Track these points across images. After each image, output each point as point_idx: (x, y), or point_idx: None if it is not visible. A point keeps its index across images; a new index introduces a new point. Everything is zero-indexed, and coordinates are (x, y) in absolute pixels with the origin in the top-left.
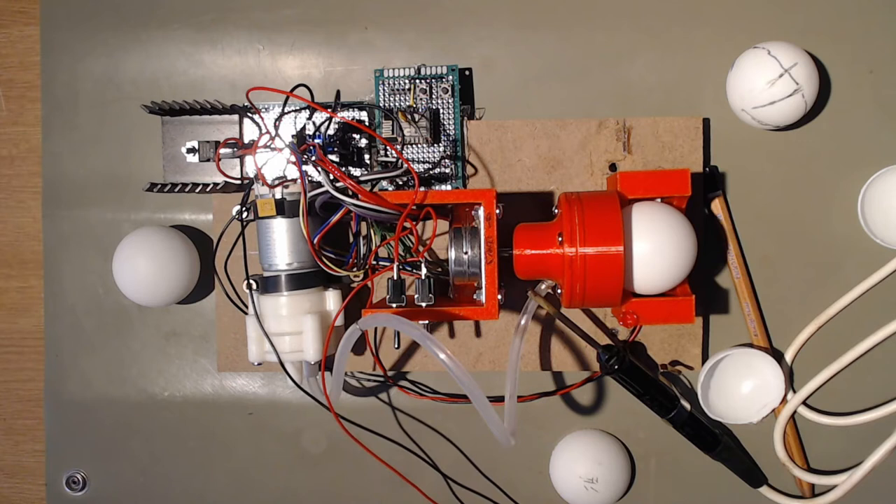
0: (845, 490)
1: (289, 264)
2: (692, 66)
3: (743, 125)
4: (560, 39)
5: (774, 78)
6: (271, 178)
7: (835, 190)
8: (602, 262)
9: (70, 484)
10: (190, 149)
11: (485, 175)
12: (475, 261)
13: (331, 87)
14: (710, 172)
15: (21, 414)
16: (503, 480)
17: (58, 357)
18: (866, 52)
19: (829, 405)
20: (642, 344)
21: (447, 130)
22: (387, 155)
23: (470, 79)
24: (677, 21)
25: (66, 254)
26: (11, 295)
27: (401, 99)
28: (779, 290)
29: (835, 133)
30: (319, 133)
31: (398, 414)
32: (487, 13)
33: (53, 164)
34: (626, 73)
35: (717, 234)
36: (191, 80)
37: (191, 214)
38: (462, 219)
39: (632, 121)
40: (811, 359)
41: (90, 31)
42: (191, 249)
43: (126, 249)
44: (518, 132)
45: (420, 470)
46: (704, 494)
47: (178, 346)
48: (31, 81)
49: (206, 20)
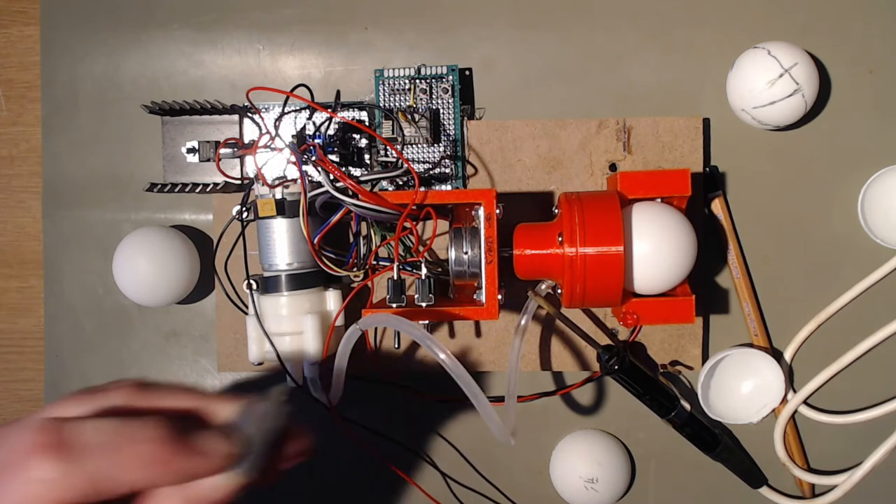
0: (845, 490)
1: (289, 264)
2: (692, 66)
3: (743, 125)
4: (560, 39)
5: (774, 78)
6: (271, 178)
7: (835, 190)
8: (602, 262)
9: None
10: (190, 149)
11: (485, 175)
12: (475, 261)
13: (331, 87)
14: (710, 172)
15: (21, 414)
16: (503, 480)
17: (58, 357)
18: (866, 52)
19: (829, 405)
20: (642, 344)
21: (447, 130)
22: (387, 155)
23: (470, 79)
24: (677, 21)
25: (66, 254)
26: (11, 295)
27: (401, 99)
28: (779, 290)
29: (835, 133)
30: (319, 133)
31: (398, 414)
32: (487, 13)
33: (53, 164)
34: (626, 73)
35: (717, 234)
36: (191, 80)
37: (191, 214)
38: (462, 219)
39: (632, 121)
40: (811, 359)
41: (90, 31)
42: (191, 249)
43: (126, 249)
44: (518, 132)
45: (420, 470)
46: (704, 494)
47: (178, 346)
48: (31, 81)
49: (207, 20)
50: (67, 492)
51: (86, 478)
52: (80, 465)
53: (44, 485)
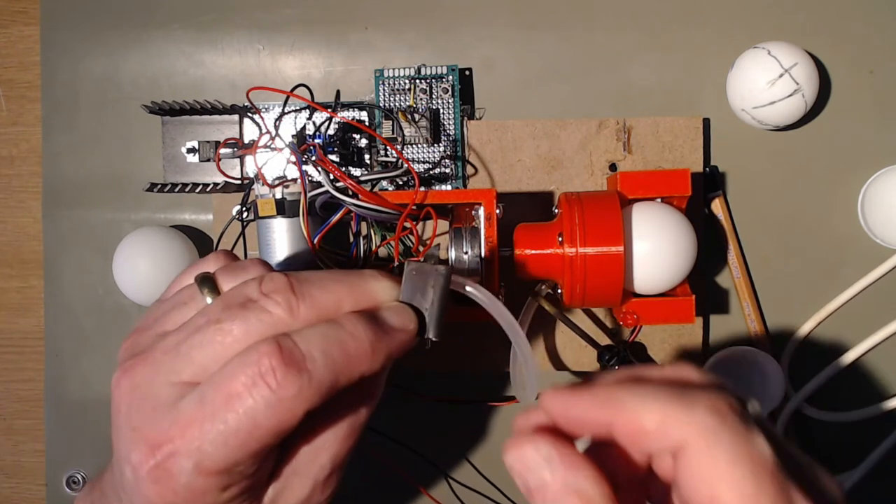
0: (846, 489)
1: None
2: (692, 66)
3: (743, 125)
4: (560, 39)
5: (774, 78)
6: (271, 178)
7: (835, 190)
8: (602, 262)
9: (70, 484)
10: (190, 149)
11: (485, 175)
12: (475, 261)
13: (331, 87)
14: (710, 172)
15: (21, 414)
16: (503, 480)
17: (58, 357)
18: (866, 52)
19: (829, 405)
20: (642, 344)
21: (447, 130)
22: (387, 155)
23: (470, 79)
24: (677, 21)
25: (66, 254)
26: (11, 295)
27: (401, 99)
28: (779, 290)
29: (835, 133)
30: (319, 133)
31: (398, 414)
32: (487, 13)
33: (53, 164)
34: (626, 73)
35: (717, 234)
36: (191, 80)
37: (191, 214)
38: (462, 219)
39: (632, 121)
40: (811, 358)
41: (90, 31)
42: (191, 249)
43: (126, 249)
44: (518, 132)
45: (420, 470)
46: None
47: None
48: (31, 81)
49: (207, 20)
50: (307, 402)
51: (321, 385)
52: (313, 376)
53: (289, 401)
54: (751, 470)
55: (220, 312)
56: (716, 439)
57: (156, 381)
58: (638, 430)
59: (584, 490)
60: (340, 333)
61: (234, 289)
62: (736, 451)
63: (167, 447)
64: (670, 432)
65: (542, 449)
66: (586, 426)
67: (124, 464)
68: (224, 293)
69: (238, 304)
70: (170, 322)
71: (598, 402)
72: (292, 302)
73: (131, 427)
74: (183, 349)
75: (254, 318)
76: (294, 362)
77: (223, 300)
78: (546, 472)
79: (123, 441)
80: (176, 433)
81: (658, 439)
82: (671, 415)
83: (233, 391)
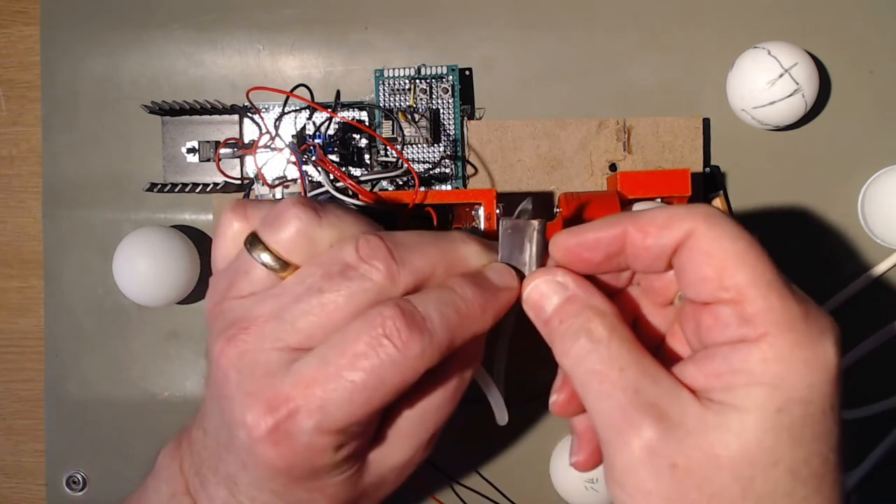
0: (846, 489)
1: None
2: (692, 66)
3: (743, 125)
4: (560, 39)
5: (774, 78)
6: (271, 178)
7: (835, 190)
8: None
9: (70, 484)
10: (190, 149)
11: (485, 175)
12: None
13: (331, 87)
14: (710, 172)
15: (21, 414)
16: (503, 480)
17: (58, 357)
18: (866, 52)
19: None
20: None
21: (447, 130)
22: (387, 155)
23: (470, 79)
24: (677, 21)
25: (66, 254)
26: (11, 295)
27: (401, 99)
28: None
29: (835, 133)
30: (319, 133)
31: None
32: (487, 13)
33: (53, 164)
34: (626, 73)
35: None
36: (191, 80)
37: (191, 214)
38: (462, 219)
39: (632, 121)
40: None
41: (90, 31)
42: (191, 249)
43: (126, 249)
44: (518, 132)
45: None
46: None
47: (179, 347)
48: (31, 81)
49: (207, 20)
50: (428, 361)
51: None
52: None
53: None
54: (750, 243)
55: (321, 281)
56: (718, 223)
57: (263, 348)
58: (649, 227)
59: (597, 305)
60: (454, 297)
61: (330, 253)
62: (736, 232)
63: (286, 407)
64: (679, 223)
65: (558, 276)
66: (599, 246)
67: (238, 428)
68: (319, 259)
69: (338, 273)
70: (243, 290)
71: (611, 220)
72: (392, 269)
73: (245, 392)
74: (287, 317)
75: (356, 287)
76: (416, 324)
77: (321, 267)
78: (563, 294)
79: (237, 406)
80: (297, 393)
81: (667, 234)
82: (677, 212)
83: (358, 351)
